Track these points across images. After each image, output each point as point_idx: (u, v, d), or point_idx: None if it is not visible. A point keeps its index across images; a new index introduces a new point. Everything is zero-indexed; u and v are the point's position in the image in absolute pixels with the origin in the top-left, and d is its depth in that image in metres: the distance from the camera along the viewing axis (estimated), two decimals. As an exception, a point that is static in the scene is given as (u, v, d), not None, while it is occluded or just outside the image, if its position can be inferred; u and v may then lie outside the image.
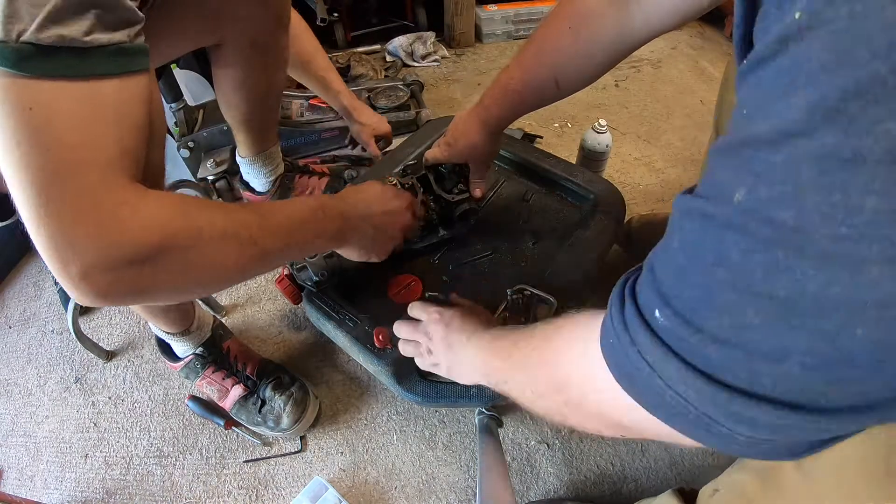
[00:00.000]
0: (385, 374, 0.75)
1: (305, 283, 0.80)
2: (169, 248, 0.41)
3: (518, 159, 1.07)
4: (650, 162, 1.34)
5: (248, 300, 1.03)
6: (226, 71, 0.81)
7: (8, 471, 0.83)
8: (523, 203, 1.02)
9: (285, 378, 0.83)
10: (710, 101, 1.58)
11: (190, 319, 0.77)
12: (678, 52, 1.82)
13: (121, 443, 0.85)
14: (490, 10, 1.81)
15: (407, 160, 1.01)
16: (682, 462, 0.80)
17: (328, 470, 0.80)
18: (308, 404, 0.82)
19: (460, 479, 0.79)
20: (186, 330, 0.78)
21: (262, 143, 0.99)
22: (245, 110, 0.88)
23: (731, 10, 1.94)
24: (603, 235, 0.90)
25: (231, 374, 0.82)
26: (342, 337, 0.79)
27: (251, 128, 0.93)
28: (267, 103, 0.91)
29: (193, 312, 0.78)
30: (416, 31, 1.78)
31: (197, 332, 0.79)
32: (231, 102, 0.86)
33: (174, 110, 1.13)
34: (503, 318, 0.77)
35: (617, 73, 1.71)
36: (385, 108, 1.36)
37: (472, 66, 1.74)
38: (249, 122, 0.92)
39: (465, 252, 0.94)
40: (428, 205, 0.87)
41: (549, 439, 0.83)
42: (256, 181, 1.07)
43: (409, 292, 0.89)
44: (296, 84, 1.50)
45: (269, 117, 0.96)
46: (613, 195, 0.97)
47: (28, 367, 0.96)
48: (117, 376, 0.93)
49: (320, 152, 1.32)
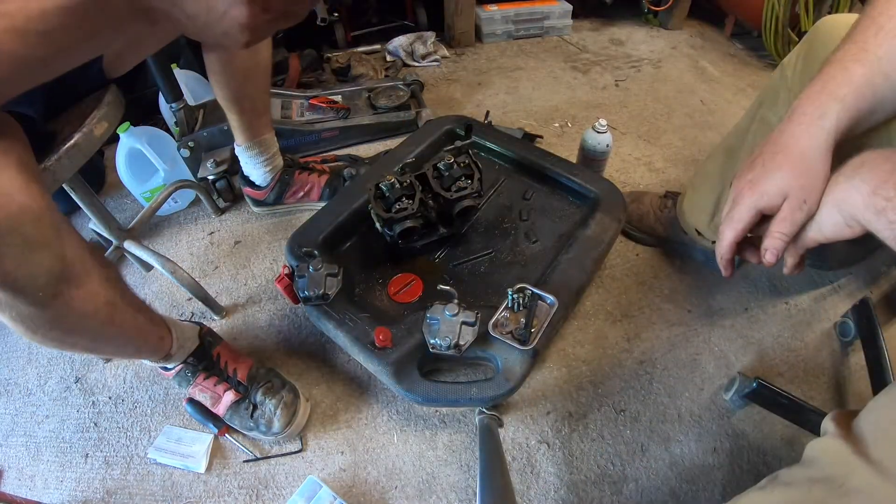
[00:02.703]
0: (385, 374, 0.75)
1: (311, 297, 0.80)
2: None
3: (519, 158, 1.07)
4: (650, 162, 1.34)
5: (249, 300, 1.03)
6: (212, 51, 0.88)
7: (8, 471, 0.83)
8: (524, 202, 1.02)
9: (276, 382, 0.83)
10: (710, 101, 1.58)
11: (165, 348, 0.76)
12: (678, 52, 1.82)
13: (121, 443, 0.85)
14: (490, 10, 1.81)
15: (406, 159, 1.01)
16: (682, 462, 0.80)
17: (328, 470, 0.80)
18: (298, 407, 0.82)
19: (460, 479, 0.79)
20: (167, 355, 0.77)
21: (256, 129, 1.02)
22: (234, 88, 0.94)
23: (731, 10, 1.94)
24: (604, 234, 0.90)
25: (222, 379, 0.82)
26: (342, 337, 0.79)
27: (243, 109, 0.97)
28: (255, 81, 0.95)
29: (169, 337, 0.77)
30: (417, 30, 1.78)
31: (179, 352, 0.79)
32: (221, 82, 0.92)
33: (174, 110, 1.13)
34: (503, 317, 0.77)
35: (617, 73, 1.71)
36: (385, 108, 1.36)
37: (472, 66, 1.74)
38: (240, 102, 0.96)
39: (465, 251, 0.95)
40: (427, 203, 0.87)
41: (550, 439, 0.83)
42: (255, 172, 1.09)
43: (409, 292, 0.89)
44: (296, 84, 1.51)
45: (259, 98, 0.99)
46: (614, 194, 0.97)
47: (28, 367, 0.96)
48: (117, 376, 0.93)
49: (320, 152, 1.33)
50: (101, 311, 0.58)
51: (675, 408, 0.86)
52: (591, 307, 1.01)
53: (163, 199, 1.05)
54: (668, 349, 0.94)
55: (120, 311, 0.62)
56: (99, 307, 0.58)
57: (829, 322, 0.98)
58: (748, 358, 0.93)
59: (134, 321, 0.66)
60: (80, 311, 0.55)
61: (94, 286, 0.56)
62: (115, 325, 0.62)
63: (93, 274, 0.56)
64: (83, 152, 0.68)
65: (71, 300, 0.53)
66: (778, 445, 0.82)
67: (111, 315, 0.60)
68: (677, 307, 1.01)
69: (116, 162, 1.10)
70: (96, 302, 0.57)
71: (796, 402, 0.78)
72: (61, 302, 0.52)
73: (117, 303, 0.61)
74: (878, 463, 0.38)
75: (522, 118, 1.50)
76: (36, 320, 0.52)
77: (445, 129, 1.10)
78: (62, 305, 0.52)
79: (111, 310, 0.60)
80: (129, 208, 1.23)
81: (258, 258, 1.11)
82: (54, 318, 0.53)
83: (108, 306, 0.59)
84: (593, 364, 0.92)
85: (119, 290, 0.62)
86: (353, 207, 0.94)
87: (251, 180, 1.12)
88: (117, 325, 0.62)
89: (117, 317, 0.61)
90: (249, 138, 1.03)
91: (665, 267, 1.08)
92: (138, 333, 0.69)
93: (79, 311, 0.55)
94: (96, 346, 0.66)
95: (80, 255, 0.54)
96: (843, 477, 0.40)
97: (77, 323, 0.57)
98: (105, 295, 0.58)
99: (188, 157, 1.16)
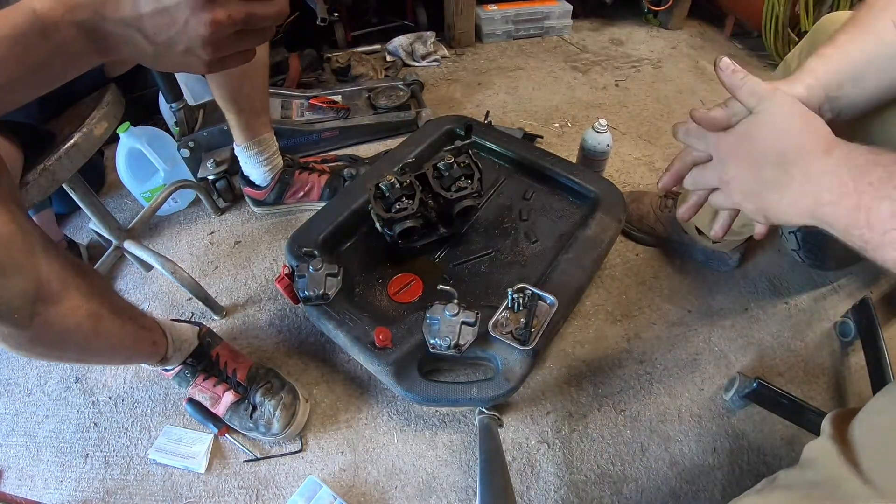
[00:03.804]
0: (385, 374, 0.75)
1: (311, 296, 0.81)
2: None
3: (519, 158, 1.07)
4: (650, 162, 1.34)
5: (249, 300, 1.03)
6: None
7: (8, 471, 0.83)
8: (524, 202, 1.02)
9: (276, 383, 0.83)
10: (710, 101, 1.58)
11: (159, 353, 0.76)
12: (678, 52, 1.82)
13: (121, 443, 0.85)
14: (490, 10, 1.81)
15: (406, 159, 1.01)
16: (682, 462, 0.80)
17: (328, 469, 0.80)
18: (298, 409, 0.82)
19: (460, 479, 0.79)
20: (164, 359, 0.77)
21: (255, 128, 1.02)
22: (232, 87, 0.94)
23: (731, 10, 1.94)
24: (604, 234, 0.90)
25: (222, 380, 0.82)
26: (342, 337, 0.79)
27: (241, 108, 0.97)
28: (252, 80, 0.95)
29: (164, 341, 0.77)
30: (417, 30, 1.78)
31: (177, 355, 0.79)
32: (218, 81, 0.93)
33: (174, 110, 1.13)
34: (503, 317, 0.77)
35: (617, 73, 1.71)
36: (385, 108, 1.36)
37: (472, 66, 1.74)
38: (238, 102, 0.96)
39: (465, 251, 0.94)
40: (427, 203, 0.87)
41: (550, 439, 0.83)
42: (255, 172, 1.09)
43: (409, 292, 0.89)
44: (296, 84, 1.51)
45: (257, 97, 0.99)
46: (614, 194, 0.97)
47: (28, 367, 0.96)
48: (117, 376, 0.93)
49: (320, 152, 1.33)
50: (83, 324, 0.57)
51: (675, 408, 0.86)
52: (591, 307, 1.01)
53: (163, 199, 1.05)
54: (668, 349, 0.94)
55: (105, 322, 0.61)
56: (81, 321, 0.57)
57: (829, 322, 0.98)
58: (748, 358, 0.93)
59: (121, 330, 0.65)
60: (60, 328, 0.55)
61: (74, 301, 0.55)
62: (101, 336, 0.61)
63: (71, 289, 0.55)
64: (83, 152, 0.68)
65: (50, 318, 0.52)
66: (778, 445, 0.82)
67: (95, 327, 0.59)
68: (677, 307, 1.01)
69: (116, 162, 1.10)
70: (77, 316, 0.56)
71: (796, 402, 0.78)
72: (40, 321, 0.51)
73: (102, 314, 0.60)
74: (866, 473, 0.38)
75: (522, 118, 1.50)
76: (17, 338, 0.52)
77: (445, 129, 1.10)
78: (41, 324, 0.52)
79: (95, 322, 0.59)
80: (129, 208, 1.23)
81: (258, 258, 1.11)
82: (35, 336, 0.53)
83: (92, 318, 0.58)
84: (593, 364, 0.92)
85: (103, 301, 0.61)
86: (353, 207, 0.94)
87: (251, 180, 1.12)
88: (103, 336, 0.61)
89: (102, 328, 0.61)
90: (248, 138, 1.03)
91: (665, 267, 1.08)
92: (127, 342, 0.68)
93: (59, 327, 0.54)
94: (84, 356, 0.65)
95: (58, 271, 0.53)
96: (837, 480, 0.40)
97: (60, 338, 0.56)
98: (87, 308, 0.57)
99: (188, 157, 1.16)
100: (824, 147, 0.41)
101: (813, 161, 0.41)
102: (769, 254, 1.10)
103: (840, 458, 0.40)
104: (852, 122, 0.52)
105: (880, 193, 0.36)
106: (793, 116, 0.43)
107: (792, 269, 1.07)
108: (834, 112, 0.50)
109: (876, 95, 0.50)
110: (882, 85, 0.50)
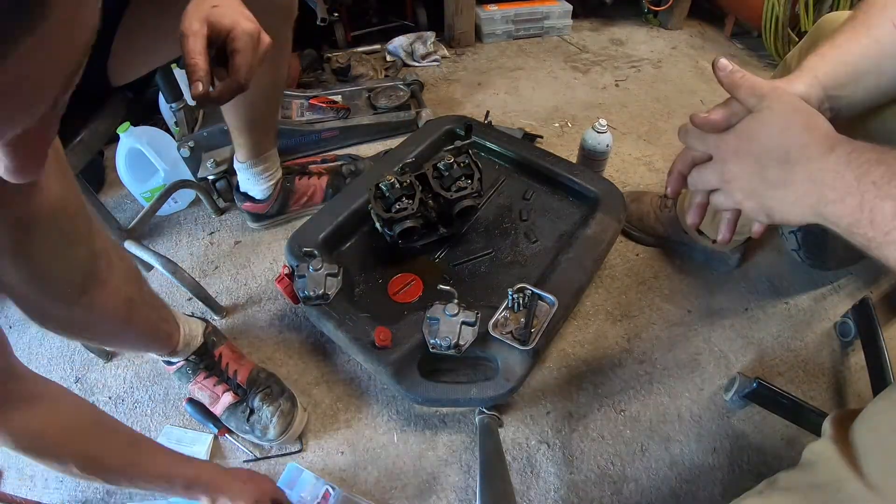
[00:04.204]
0: (385, 374, 0.75)
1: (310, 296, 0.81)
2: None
3: (519, 158, 1.07)
4: (650, 162, 1.34)
5: (249, 300, 1.03)
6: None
7: (8, 471, 0.83)
8: (524, 202, 1.02)
9: (275, 388, 0.83)
10: (710, 101, 1.58)
11: (173, 345, 0.77)
12: (678, 52, 1.82)
13: (121, 443, 0.85)
14: (490, 10, 1.80)
15: (406, 159, 1.01)
16: (682, 462, 0.80)
17: (328, 469, 0.80)
18: (295, 417, 0.81)
19: (460, 479, 0.79)
20: (173, 351, 0.78)
21: (263, 146, 0.99)
22: (251, 109, 0.88)
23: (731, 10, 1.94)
24: (604, 234, 0.90)
25: (222, 380, 0.82)
26: (342, 337, 0.79)
27: (254, 128, 0.93)
28: (272, 100, 0.92)
29: (178, 334, 0.77)
30: (417, 30, 1.78)
31: (184, 349, 0.80)
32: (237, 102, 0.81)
33: (174, 110, 1.13)
34: (503, 317, 0.77)
35: (617, 73, 1.71)
36: (385, 108, 1.36)
37: (472, 66, 1.74)
38: (253, 122, 0.92)
39: (465, 251, 0.95)
40: (427, 203, 0.87)
41: (550, 439, 0.83)
42: (256, 188, 1.06)
43: (409, 292, 0.89)
44: (296, 84, 1.51)
45: (272, 117, 0.96)
46: (614, 194, 0.97)
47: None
48: (117, 376, 0.93)
49: (320, 152, 1.32)
50: (119, 308, 0.57)
51: (675, 408, 0.86)
52: (591, 307, 1.01)
53: (163, 199, 1.05)
54: (668, 349, 0.94)
55: (137, 309, 0.61)
56: (118, 305, 0.57)
57: (829, 322, 0.98)
58: (748, 358, 0.93)
59: (148, 319, 0.66)
60: (100, 309, 0.55)
61: (115, 283, 0.55)
62: (132, 322, 0.61)
63: (115, 270, 0.55)
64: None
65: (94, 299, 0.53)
66: (778, 446, 0.82)
67: (129, 313, 0.60)
68: (677, 307, 1.01)
69: (116, 162, 1.10)
70: (116, 300, 0.56)
71: (796, 402, 0.78)
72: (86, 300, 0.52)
73: (135, 300, 0.61)
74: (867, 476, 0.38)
75: (522, 118, 1.50)
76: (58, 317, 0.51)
77: (445, 129, 1.10)
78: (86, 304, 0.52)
79: (128, 308, 0.59)
80: (129, 208, 1.23)
81: (258, 258, 1.11)
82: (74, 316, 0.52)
83: (126, 304, 0.59)
84: (593, 364, 0.92)
85: (138, 287, 0.62)
86: (353, 207, 0.94)
87: (250, 195, 1.08)
88: (133, 322, 0.62)
89: (134, 314, 0.61)
90: (254, 156, 0.99)
91: (665, 267, 1.08)
92: (150, 331, 0.69)
93: (99, 308, 0.54)
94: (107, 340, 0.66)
95: (107, 250, 0.53)
96: (838, 482, 0.39)
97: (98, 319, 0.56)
98: (125, 292, 0.58)
99: (188, 157, 1.16)
100: (827, 144, 0.40)
101: (816, 159, 0.40)
102: (769, 254, 1.10)
103: (841, 461, 0.40)
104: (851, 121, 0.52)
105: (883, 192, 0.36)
106: (795, 114, 0.43)
107: (792, 269, 1.07)
108: (833, 111, 0.50)
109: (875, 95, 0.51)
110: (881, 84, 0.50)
